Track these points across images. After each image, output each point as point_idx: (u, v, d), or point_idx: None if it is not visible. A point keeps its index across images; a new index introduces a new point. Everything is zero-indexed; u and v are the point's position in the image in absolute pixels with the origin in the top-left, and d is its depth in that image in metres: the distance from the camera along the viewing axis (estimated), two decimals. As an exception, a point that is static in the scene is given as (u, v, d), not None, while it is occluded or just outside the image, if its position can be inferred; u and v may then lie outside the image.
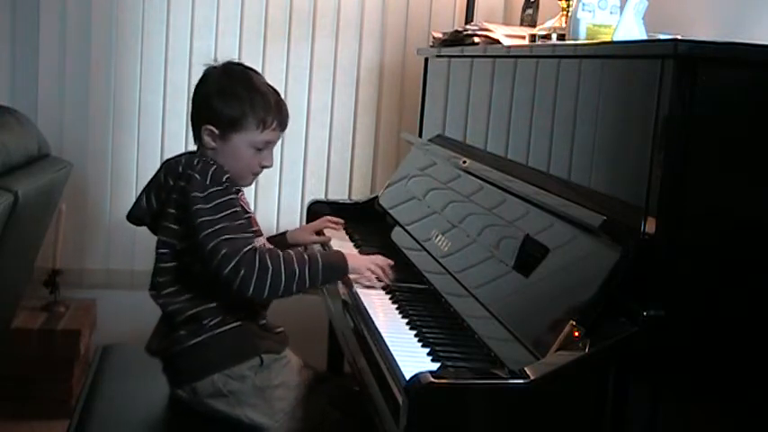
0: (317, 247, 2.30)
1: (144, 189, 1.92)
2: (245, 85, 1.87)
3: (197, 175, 1.78)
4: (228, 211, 1.76)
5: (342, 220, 2.42)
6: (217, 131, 1.85)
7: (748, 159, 1.40)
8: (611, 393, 1.36)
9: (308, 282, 1.79)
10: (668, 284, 1.38)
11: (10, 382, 2.80)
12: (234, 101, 1.84)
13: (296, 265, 1.77)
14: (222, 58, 1.96)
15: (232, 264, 1.71)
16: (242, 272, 1.71)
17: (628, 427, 1.37)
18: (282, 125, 1.91)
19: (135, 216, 1.93)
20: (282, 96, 1.93)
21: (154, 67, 3.15)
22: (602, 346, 1.34)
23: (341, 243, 2.36)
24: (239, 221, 1.77)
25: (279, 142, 1.95)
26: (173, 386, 1.88)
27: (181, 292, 1.83)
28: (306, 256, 1.81)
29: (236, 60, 1.99)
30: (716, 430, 1.45)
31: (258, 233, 1.92)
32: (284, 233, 2.28)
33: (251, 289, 1.73)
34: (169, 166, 1.89)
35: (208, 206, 1.75)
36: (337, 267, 1.88)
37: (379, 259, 1.97)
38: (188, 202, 1.76)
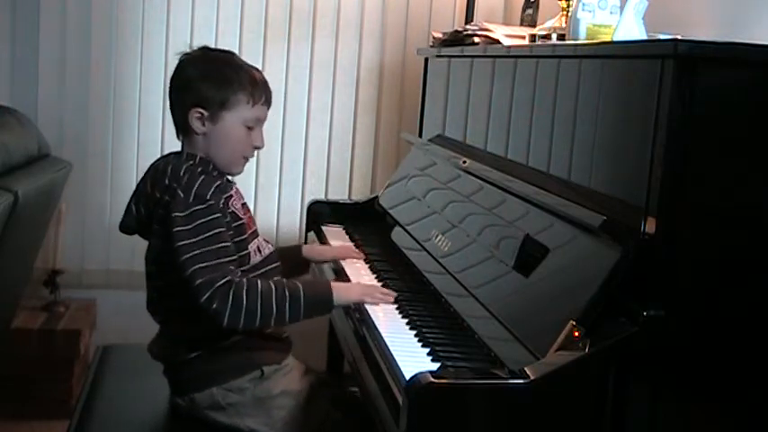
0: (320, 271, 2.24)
1: (132, 198, 1.87)
2: (229, 64, 1.85)
3: (181, 193, 1.73)
4: (208, 234, 1.70)
5: (363, 255, 2.24)
6: (206, 113, 1.80)
7: (748, 159, 1.40)
8: (611, 393, 1.36)
9: (287, 318, 1.72)
10: (668, 284, 1.38)
11: (10, 382, 2.80)
12: (221, 79, 1.81)
13: (274, 302, 1.70)
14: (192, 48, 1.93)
15: (206, 296, 1.65)
16: (214, 305, 1.65)
17: (628, 427, 1.37)
18: (269, 101, 1.88)
19: (126, 225, 1.88)
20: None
21: (154, 67, 3.15)
22: (602, 346, 1.34)
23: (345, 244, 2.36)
24: (219, 244, 1.71)
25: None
26: (172, 394, 1.88)
27: (176, 309, 1.80)
28: (287, 292, 1.72)
29: (212, 46, 1.95)
30: (715, 430, 1.45)
31: (254, 235, 1.88)
32: (299, 246, 2.18)
33: (224, 322, 1.67)
34: (155, 173, 1.83)
35: (187, 228, 1.70)
36: (321, 304, 1.78)
37: (372, 291, 1.87)
38: (169, 222, 1.71)
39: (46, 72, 3.07)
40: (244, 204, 1.87)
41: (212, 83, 1.81)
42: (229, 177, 1.87)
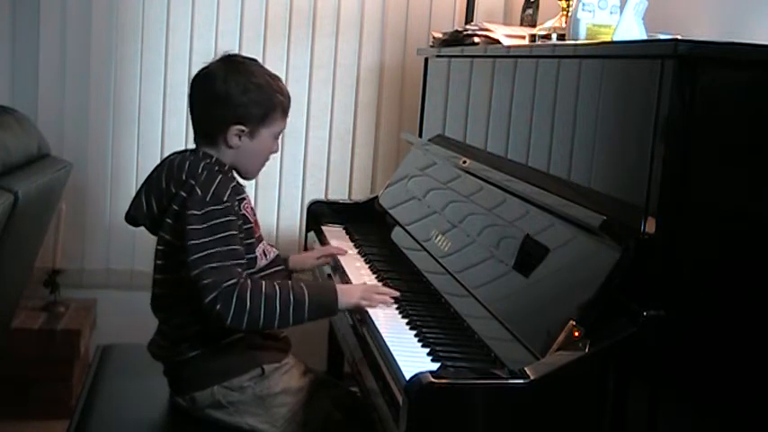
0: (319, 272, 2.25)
1: (143, 188, 1.86)
2: (264, 77, 1.83)
3: (198, 190, 1.73)
4: (222, 234, 1.71)
5: (346, 250, 2.26)
6: (247, 129, 1.81)
7: (748, 159, 1.40)
8: (611, 393, 1.36)
9: (291, 320, 1.73)
10: (668, 284, 1.38)
11: (10, 382, 2.80)
12: (262, 96, 1.81)
13: (278, 305, 1.71)
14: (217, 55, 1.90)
15: (211, 296, 1.66)
16: (218, 306, 1.66)
17: (628, 427, 1.37)
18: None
19: (133, 217, 1.87)
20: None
21: (154, 67, 3.14)
22: (602, 346, 1.35)
23: (341, 243, 2.36)
24: (230, 246, 1.71)
25: (279, 141, 1.92)
26: (172, 393, 1.88)
27: (181, 305, 1.80)
28: (292, 295, 1.73)
29: (232, 52, 1.92)
30: (715, 430, 1.45)
31: (260, 239, 1.87)
32: (286, 259, 2.12)
33: (228, 322, 1.68)
34: (171, 168, 1.82)
35: (202, 227, 1.70)
36: (325, 308, 1.79)
37: (371, 294, 1.85)
38: (184, 219, 1.72)
39: (46, 72, 3.07)
40: (252, 208, 1.87)
41: (255, 100, 1.81)
42: (240, 180, 1.87)
